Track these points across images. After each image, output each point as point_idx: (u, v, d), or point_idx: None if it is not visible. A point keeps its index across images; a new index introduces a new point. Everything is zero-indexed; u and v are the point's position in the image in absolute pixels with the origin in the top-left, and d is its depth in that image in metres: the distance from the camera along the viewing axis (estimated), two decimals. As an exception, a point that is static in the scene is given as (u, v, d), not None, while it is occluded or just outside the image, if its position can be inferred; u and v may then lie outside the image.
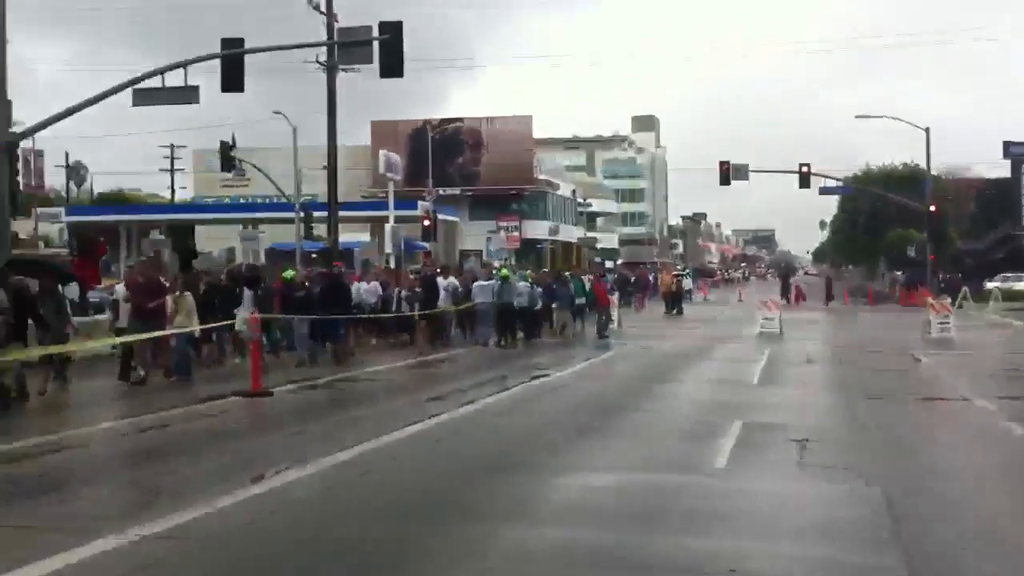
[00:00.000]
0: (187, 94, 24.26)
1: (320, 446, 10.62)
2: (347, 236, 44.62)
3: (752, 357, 21.48)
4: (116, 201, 69.15)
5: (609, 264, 76.49)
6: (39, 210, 52.12)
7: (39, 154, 49.80)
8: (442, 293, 25.20)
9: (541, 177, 71.06)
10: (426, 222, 48.96)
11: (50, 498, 8.41)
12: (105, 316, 19.23)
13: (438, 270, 29.07)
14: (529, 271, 33.57)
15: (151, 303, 16.52)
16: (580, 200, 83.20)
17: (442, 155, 61.48)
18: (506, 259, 51.97)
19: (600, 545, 6.94)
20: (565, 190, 79.17)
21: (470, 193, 67.92)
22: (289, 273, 21.92)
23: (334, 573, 6.48)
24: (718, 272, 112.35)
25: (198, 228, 61.76)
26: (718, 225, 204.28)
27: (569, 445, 10.86)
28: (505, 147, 67.71)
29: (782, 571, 6.56)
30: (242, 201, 64.95)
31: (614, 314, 30.61)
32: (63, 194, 69.95)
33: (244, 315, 18.33)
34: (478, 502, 8.24)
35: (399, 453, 10.48)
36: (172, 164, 67.46)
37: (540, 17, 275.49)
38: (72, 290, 19.80)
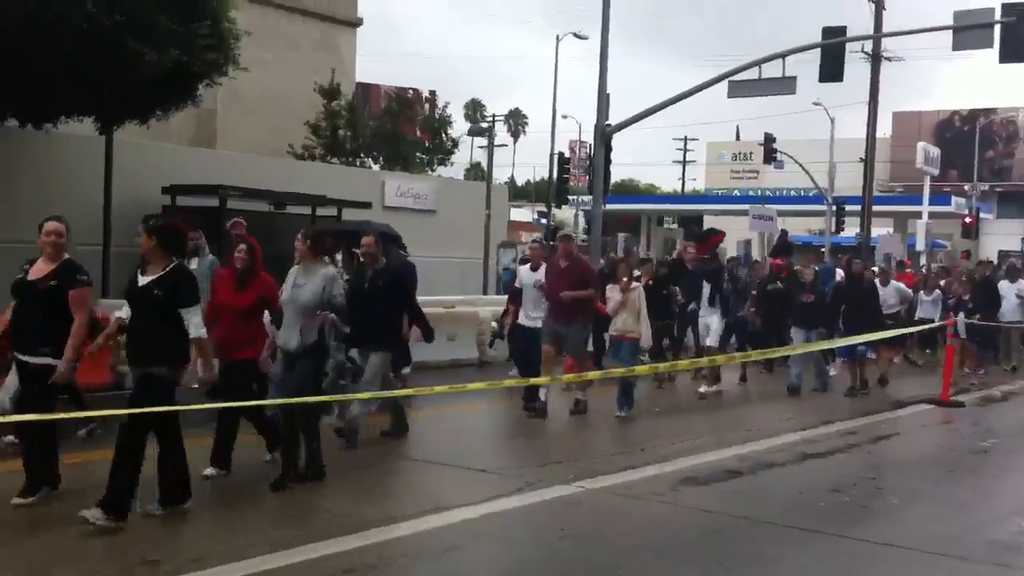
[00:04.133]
0: (784, 85, 24.16)
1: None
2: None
3: None
4: (630, 192, 72.27)
5: None
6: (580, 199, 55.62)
7: (582, 144, 53.02)
8: (1013, 302, 19.32)
9: (1089, 171, 63.22)
10: (967, 219, 45.49)
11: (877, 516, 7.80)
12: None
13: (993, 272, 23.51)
14: None
15: (571, 297, 11.54)
16: None
17: (970, 148, 56.97)
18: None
19: None
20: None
21: (999, 189, 62.26)
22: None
23: None
24: None
25: (707, 219, 62.56)
26: None
27: None
28: (1046, 137, 61.14)
29: None
30: (751, 194, 64.84)
31: None
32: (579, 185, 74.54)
33: (710, 323, 14.07)
34: None
35: None
36: (684, 156, 69.13)
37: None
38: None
